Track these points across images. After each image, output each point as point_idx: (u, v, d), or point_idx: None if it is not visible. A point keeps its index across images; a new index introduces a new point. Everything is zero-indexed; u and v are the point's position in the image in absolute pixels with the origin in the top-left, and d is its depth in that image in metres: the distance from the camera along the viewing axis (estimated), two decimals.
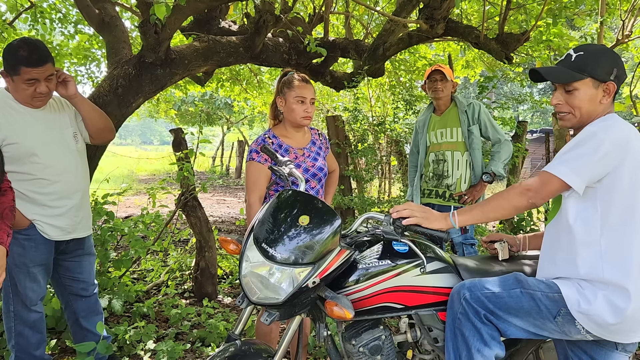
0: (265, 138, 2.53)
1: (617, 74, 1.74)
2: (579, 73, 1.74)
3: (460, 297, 1.78)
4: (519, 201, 1.69)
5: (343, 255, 1.72)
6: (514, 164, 6.12)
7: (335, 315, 1.66)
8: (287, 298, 1.63)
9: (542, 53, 5.87)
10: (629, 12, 4.72)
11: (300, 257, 1.64)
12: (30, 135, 2.39)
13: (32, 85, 2.32)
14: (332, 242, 1.70)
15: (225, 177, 19.74)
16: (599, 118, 1.75)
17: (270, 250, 1.65)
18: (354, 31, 7.11)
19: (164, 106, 11.27)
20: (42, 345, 2.60)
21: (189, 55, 3.75)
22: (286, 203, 1.80)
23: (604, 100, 1.76)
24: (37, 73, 2.30)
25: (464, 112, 3.63)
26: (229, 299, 4.26)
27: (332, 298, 1.68)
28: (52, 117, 2.52)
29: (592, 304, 1.64)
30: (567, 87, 1.77)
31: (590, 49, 1.77)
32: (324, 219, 1.72)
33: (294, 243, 1.66)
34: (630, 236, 1.66)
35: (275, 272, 1.63)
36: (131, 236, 3.74)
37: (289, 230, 1.70)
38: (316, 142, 2.67)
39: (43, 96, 2.39)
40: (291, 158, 2.48)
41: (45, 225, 2.46)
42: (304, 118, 2.52)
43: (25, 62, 2.26)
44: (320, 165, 2.59)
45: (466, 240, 3.63)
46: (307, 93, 2.51)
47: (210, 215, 9.03)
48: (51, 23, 6.05)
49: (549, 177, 1.66)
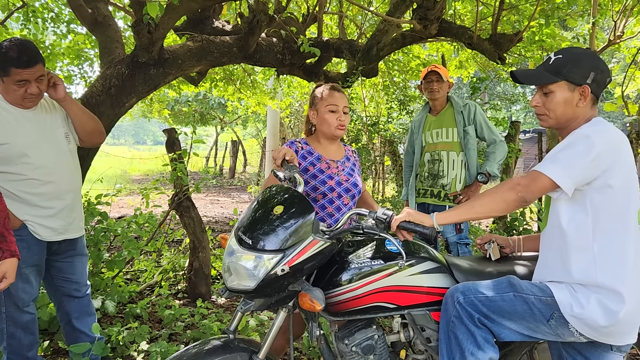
0: (296, 142, 2.42)
1: (596, 77, 1.74)
2: (553, 76, 1.76)
3: (454, 300, 1.79)
4: (508, 195, 1.68)
5: (315, 246, 1.71)
6: (507, 164, 6.15)
7: (306, 307, 1.69)
8: (257, 285, 1.66)
9: (535, 53, 5.89)
10: (620, 13, 4.76)
11: (270, 244, 1.68)
12: (21, 136, 2.38)
13: (23, 87, 2.31)
14: (304, 231, 1.71)
15: (219, 177, 19.70)
16: (589, 122, 1.76)
17: (244, 237, 1.72)
18: (348, 31, 7.11)
19: (158, 106, 11.23)
20: (34, 347, 2.59)
21: (182, 55, 3.74)
22: (268, 196, 1.88)
23: (580, 103, 1.76)
24: (28, 74, 2.29)
25: (460, 112, 3.65)
26: (222, 300, 4.25)
27: (304, 290, 1.71)
28: (44, 118, 2.51)
29: (585, 307, 1.65)
30: (544, 90, 1.80)
31: (569, 53, 1.79)
32: (297, 209, 1.76)
33: (265, 231, 1.71)
34: (623, 240, 1.68)
35: (247, 258, 1.68)
36: (124, 237, 3.72)
37: (262, 219, 1.76)
38: (350, 159, 2.52)
39: (34, 97, 2.38)
40: (323, 167, 2.36)
41: (37, 225, 2.44)
42: (338, 128, 2.37)
43: (15, 64, 2.24)
44: (355, 181, 2.43)
45: (460, 240, 3.65)
46: (339, 101, 2.38)
47: (203, 215, 9.01)
48: (43, 22, 6.00)
49: (538, 175, 1.67)
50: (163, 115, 17.52)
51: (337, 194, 2.32)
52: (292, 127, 16.52)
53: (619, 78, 6.05)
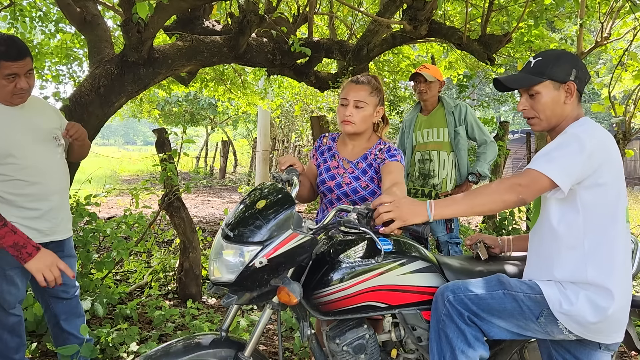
0: (324, 136, 2.41)
1: (577, 74, 1.77)
2: (537, 77, 1.78)
3: (444, 299, 1.79)
4: (508, 196, 1.64)
5: (294, 239, 1.71)
6: (497, 164, 6.19)
7: (283, 300, 1.71)
8: (237, 278, 1.67)
9: (524, 54, 5.94)
10: (607, 15, 4.81)
11: (250, 237, 1.70)
12: (5, 135, 2.33)
13: (12, 81, 2.27)
14: (284, 224, 1.72)
15: (210, 177, 19.64)
16: (577, 121, 1.78)
17: (226, 230, 1.75)
18: (338, 32, 7.13)
19: (147, 106, 11.17)
20: (21, 349, 2.55)
21: (172, 55, 3.72)
22: (253, 192, 1.92)
23: (567, 100, 1.78)
24: (17, 67, 2.26)
25: (451, 113, 3.67)
26: (213, 300, 4.24)
27: (284, 283, 1.72)
28: (32, 117, 2.47)
29: (574, 304, 1.66)
30: (530, 92, 1.81)
31: (548, 54, 1.83)
32: (278, 203, 1.79)
33: (246, 224, 1.74)
34: (612, 237, 1.70)
35: (229, 252, 1.71)
36: (114, 237, 3.70)
37: (245, 213, 1.79)
38: (368, 157, 2.26)
39: (23, 92, 2.34)
40: (332, 166, 2.31)
41: (23, 227, 2.40)
42: (343, 123, 2.20)
43: (4, 57, 2.21)
44: (357, 187, 2.23)
45: (451, 240, 3.67)
46: (350, 94, 2.19)
47: (194, 215, 8.98)
48: (31, 21, 5.94)
49: (538, 175, 1.64)
50: (153, 116, 17.41)
51: (337, 196, 2.28)
52: (283, 127, 16.51)
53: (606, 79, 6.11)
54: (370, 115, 2.23)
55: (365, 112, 2.21)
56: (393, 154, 2.20)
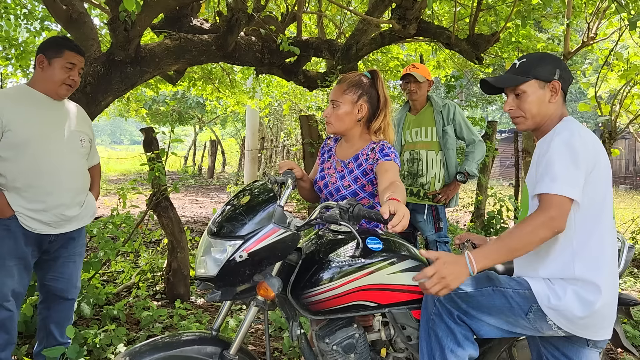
0: (330, 137, 2.41)
1: (561, 74, 1.83)
2: (523, 76, 1.82)
3: (434, 298, 1.80)
4: (545, 233, 1.63)
5: (275, 234, 1.71)
6: (485, 164, 6.24)
7: (261, 294, 1.74)
8: (219, 272, 1.69)
9: (511, 54, 5.99)
10: (593, 15, 4.86)
11: (232, 231, 1.72)
12: (29, 125, 2.40)
13: (68, 72, 2.48)
14: (265, 219, 1.74)
15: (198, 177, 19.55)
16: (561, 123, 1.81)
17: (211, 225, 1.80)
18: (327, 31, 7.12)
19: (135, 105, 11.06)
20: (8, 348, 2.50)
21: (159, 54, 3.69)
22: (240, 190, 1.96)
23: (552, 99, 1.83)
24: (77, 60, 2.52)
25: (439, 112, 3.67)
26: (201, 300, 4.21)
27: (264, 278, 1.74)
28: (64, 115, 2.58)
29: (562, 299, 1.68)
30: (516, 92, 1.85)
31: (532, 56, 1.89)
32: (260, 199, 1.83)
33: (229, 219, 1.77)
34: (601, 235, 1.72)
35: (212, 245, 1.73)
36: (101, 237, 3.66)
37: (230, 208, 1.84)
38: (359, 157, 2.21)
39: (70, 87, 2.53)
40: (325, 166, 2.33)
41: (28, 218, 2.41)
42: (326, 124, 2.22)
43: (70, 47, 2.50)
44: (339, 186, 2.20)
45: (440, 239, 3.67)
46: (332, 94, 2.21)
47: (182, 215, 8.92)
48: (16, 19, 5.86)
49: (561, 200, 1.64)
50: (140, 115, 17.27)
51: (325, 196, 2.30)
52: (272, 127, 16.46)
53: (592, 79, 6.18)
54: (347, 113, 2.18)
55: (340, 111, 2.18)
56: (386, 153, 2.14)
